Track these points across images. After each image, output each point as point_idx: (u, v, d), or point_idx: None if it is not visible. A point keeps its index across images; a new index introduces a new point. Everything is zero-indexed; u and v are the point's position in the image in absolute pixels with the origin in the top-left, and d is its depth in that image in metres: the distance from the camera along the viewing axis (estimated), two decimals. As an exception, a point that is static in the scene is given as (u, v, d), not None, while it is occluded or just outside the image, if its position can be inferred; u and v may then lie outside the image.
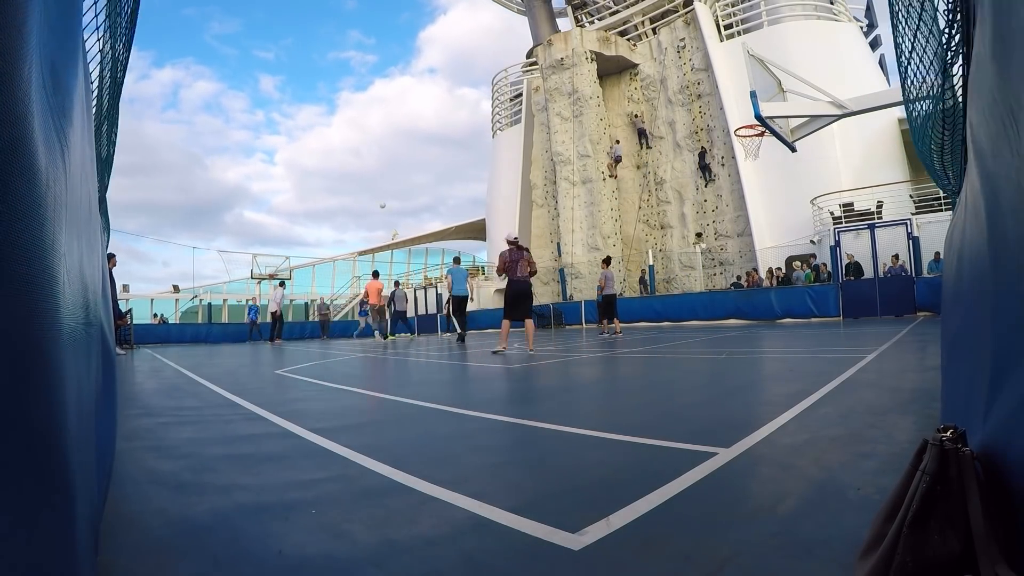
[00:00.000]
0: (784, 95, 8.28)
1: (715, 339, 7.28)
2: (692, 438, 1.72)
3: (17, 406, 0.43)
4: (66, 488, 0.52)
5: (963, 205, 1.18)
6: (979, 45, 0.79)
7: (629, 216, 19.37)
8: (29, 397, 0.45)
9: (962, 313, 1.10)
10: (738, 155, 15.22)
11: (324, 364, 6.04)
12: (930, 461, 0.68)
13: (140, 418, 2.70)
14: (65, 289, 0.59)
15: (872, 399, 2.32)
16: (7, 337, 0.41)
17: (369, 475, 1.51)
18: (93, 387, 0.96)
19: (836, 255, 12.53)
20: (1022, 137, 0.55)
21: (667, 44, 18.79)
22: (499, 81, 24.49)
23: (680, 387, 3.22)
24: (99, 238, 1.51)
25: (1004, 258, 0.66)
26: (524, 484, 1.40)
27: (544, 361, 5.13)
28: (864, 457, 1.45)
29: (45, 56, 0.53)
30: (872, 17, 20.30)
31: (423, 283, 24.34)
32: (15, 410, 0.42)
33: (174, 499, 1.37)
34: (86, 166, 0.94)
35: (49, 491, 0.48)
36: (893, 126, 15.80)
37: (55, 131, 0.58)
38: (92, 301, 0.98)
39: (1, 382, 0.40)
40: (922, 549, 0.65)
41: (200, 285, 24.92)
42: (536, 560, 0.94)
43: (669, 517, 1.10)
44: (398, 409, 2.76)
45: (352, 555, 0.99)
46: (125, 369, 6.35)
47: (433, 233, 32.92)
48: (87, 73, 1.14)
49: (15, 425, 0.42)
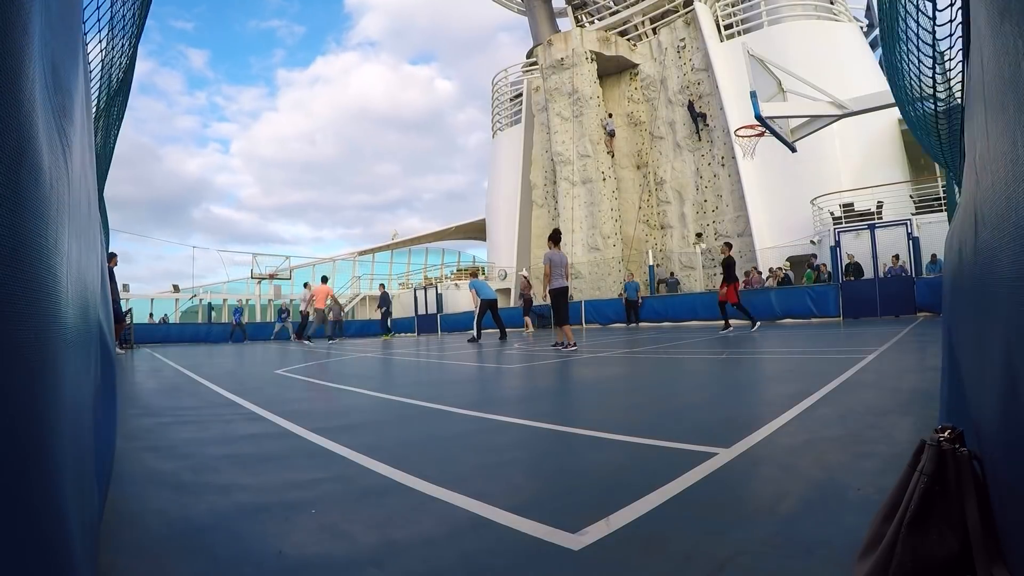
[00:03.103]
0: (784, 95, 8.28)
1: (715, 339, 7.28)
2: (692, 438, 1.72)
3: (15, 407, 0.43)
4: (57, 489, 0.52)
5: (963, 206, 1.18)
6: (975, 46, 0.80)
7: (629, 216, 19.37)
8: (27, 398, 0.45)
9: (962, 314, 1.10)
10: (738, 155, 15.22)
11: (324, 364, 6.05)
12: (928, 461, 0.68)
13: (140, 418, 2.70)
14: (66, 289, 0.59)
15: (872, 399, 2.32)
16: (8, 338, 0.42)
17: (369, 475, 1.51)
18: (93, 387, 0.96)
19: (836, 255, 12.53)
20: (1017, 136, 0.55)
21: (667, 44, 18.80)
22: (499, 81, 24.49)
23: (680, 387, 3.23)
24: (99, 237, 1.51)
25: (1001, 260, 0.66)
26: (524, 484, 1.41)
27: (544, 361, 5.13)
28: (864, 457, 1.45)
29: (46, 56, 0.53)
30: (872, 17, 20.27)
31: (423, 283, 24.35)
32: (10, 412, 0.42)
33: (174, 499, 1.37)
34: (86, 165, 0.94)
35: (38, 492, 0.48)
36: (893, 126, 15.80)
37: (57, 131, 0.58)
38: (92, 301, 0.98)
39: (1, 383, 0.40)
40: (920, 549, 0.66)
41: (200, 285, 24.95)
42: (536, 560, 0.95)
43: (669, 517, 1.11)
44: (398, 409, 2.76)
45: (352, 555, 0.99)
46: (125, 369, 6.35)
47: (433, 233, 32.91)
48: (87, 72, 1.14)
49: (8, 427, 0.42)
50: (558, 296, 6.98)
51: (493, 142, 24.70)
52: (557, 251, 7.05)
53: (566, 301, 7.03)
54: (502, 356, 6.01)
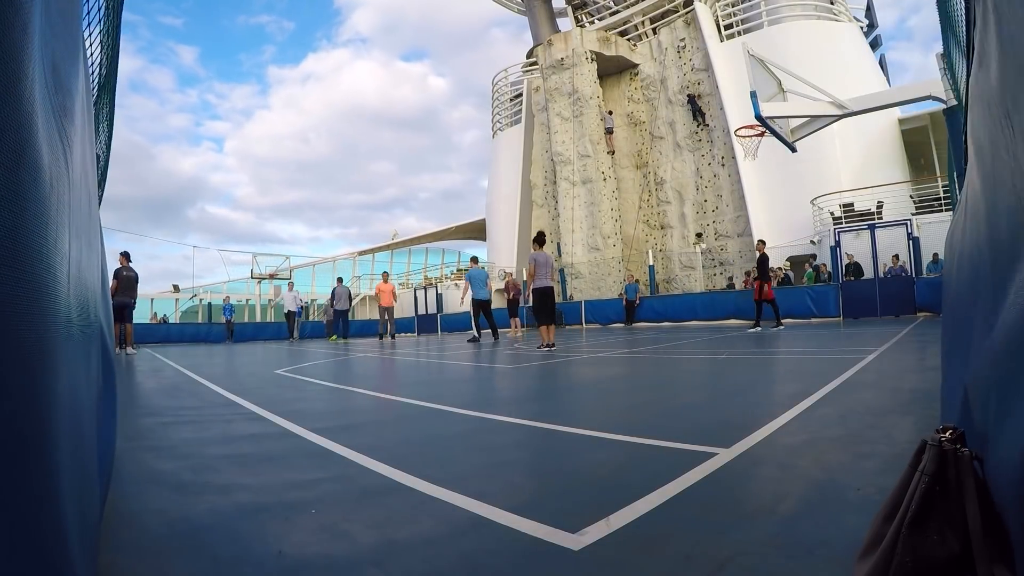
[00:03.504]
0: (784, 95, 8.28)
1: (715, 339, 7.28)
2: (692, 438, 1.72)
3: (14, 407, 0.43)
4: (55, 489, 0.52)
5: (964, 206, 1.18)
6: (979, 47, 0.80)
7: (629, 216, 19.37)
8: (26, 398, 0.45)
9: (962, 314, 1.10)
10: (738, 155, 15.22)
11: (324, 364, 6.05)
12: (929, 462, 0.68)
13: (140, 418, 2.70)
14: (67, 290, 0.59)
15: (872, 399, 2.32)
16: (7, 338, 0.41)
17: (369, 475, 1.51)
18: (93, 387, 0.96)
19: (836, 255, 12.53)
20: (1016, 139, 0.55)
21: (667, 44, 18.79)
22: (499, 81, 24.49)
23: (680, 387, 3.22)
24: (99, 237, 1.51)
25: (1002, 260, 0.66)
26: (524, 484, 1.41)
27: (544, 361, 5.13)
28: (864, 457, 1.45)
29: (47, 55, 0.53)
30: (872, 17, 20.28)
31: (423, 283, 24.35)
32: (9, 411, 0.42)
33: (174, 499, 1.37)
34: (87, 165, 0.94)
35: (36, 492, 0.47)
36: (893, 126, 15.80)
37: (58, 131, 0.58)
38: (92, 301, 0.98)
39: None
40: (921, 549, 0.66)
41: (200, 285, 24.93)
42: (536, 560, 0.94)
43: (669, 517, 1.11)
44: (398, 409, 2.76)
45: (352, 555, 0.99)
46: (125, 369, 6.35)
47: (433, 233, 32.90)
48: (87, 72, 1.14)
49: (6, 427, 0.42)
50: (542, 296, 7.02)
51: (493, 142, 24.69)
52: (542, 252, 7.11)
53: (550, 302, 7.06)
54: (502, 356, 6.01)
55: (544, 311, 6.96)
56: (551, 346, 6.67)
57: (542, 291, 7.02)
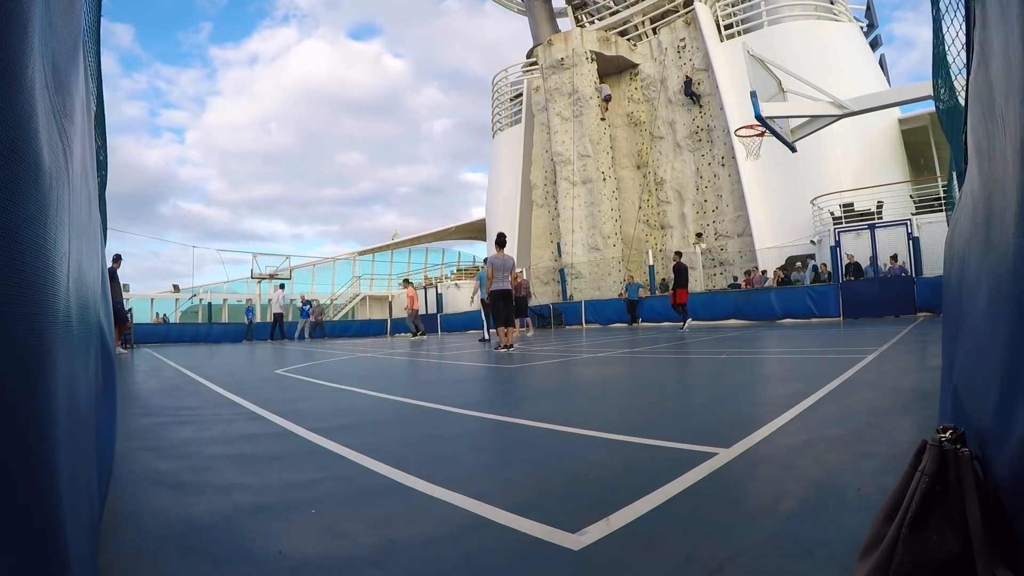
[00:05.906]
0: (784, 95, 8.27)
1: (715, 339, 7.28)
2: (692, 438, 1.72)
3: (13, 407, 0.43)
4: (54, 489, 0.52)
5: (963, 206, 1.18)
6: (978, 47, 0.80)
7: (629, 216, 19.36)
8: (26, 398, 0.45)
9: (962, 314, 1.10)
10: (738, 155, 15.21)
11: (323, 364, 6.04)
12: (929, 462, 0.68)
13: (140, 418, 2.70)
14: (67, 290, 0.59)
15: (872, 399, 2.32)
16: (7, 338, 0.41)
17: (369, 475, 1.51)
18: (93, 387, 0.96)
19: (836, 255, 12.53)
20: (1008, 139, 0.55)
21: (667, 44, 18.79)
22: (499, 81, 24.48)
23: (680, 387, 3.22)
24: (99, 237, 1.51)
25: (1001, 260, 0.66)
26: (524, 484, 1.40)
27: (544, 361, 5.13)
28: (864, 457, 1.45)
29: (47, 55, 0.53)
30: (872, 17, 20.28)
31: (423, 283, 24.35)
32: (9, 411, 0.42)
33: (174, 499, 1.37)
34: (87, 165, 0.94)
35: (34, 492, 0.47)
36: (893, 126, 15.79)
37: (58, 131, 0.58)
38: (92, 301, 0.98)
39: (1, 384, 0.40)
40: (921, 549, 0.66)
41: (200, 285, 24.93)
42: (536, 560, 0.94)
43: (669, 517, 1.11)
44: (398, 409, 2.76)
45: (352, 555, 0.99)
46: (125, 369, 6.35)
47: (433, 233, 32.88)
48: (87, 71, 1.14)
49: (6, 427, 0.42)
50: (497, 299, 7.13)
51: (493, 142, 24.69)
52: (501, 255, 7.22)
53: (507, 304, 7.15)
54: (502, 356, 6.01)
55: (503, 313, 7.06)
56: (509, 347, 6.74)
57: (500, 293, 7.15)
